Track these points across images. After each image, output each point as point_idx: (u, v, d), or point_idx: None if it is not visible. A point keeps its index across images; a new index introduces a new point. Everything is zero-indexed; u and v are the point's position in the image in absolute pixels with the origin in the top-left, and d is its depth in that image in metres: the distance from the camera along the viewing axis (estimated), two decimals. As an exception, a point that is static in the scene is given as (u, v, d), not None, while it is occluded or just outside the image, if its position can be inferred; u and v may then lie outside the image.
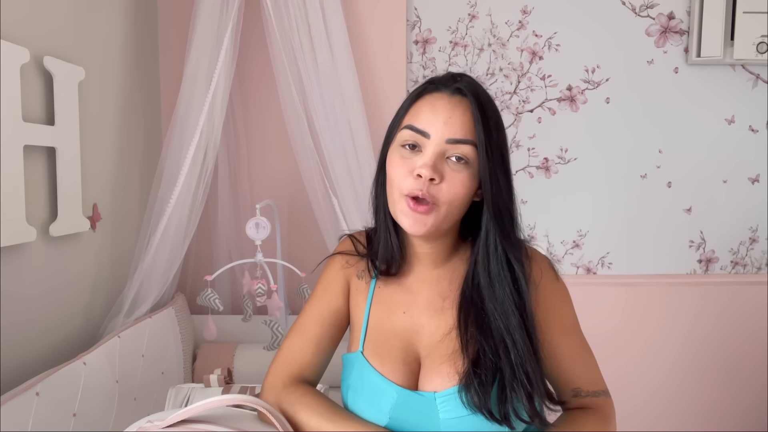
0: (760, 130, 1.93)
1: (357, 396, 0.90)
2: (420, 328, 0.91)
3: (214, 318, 1.60)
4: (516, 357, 0.82)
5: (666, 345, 1.98)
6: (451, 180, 0.83)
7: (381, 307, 0.94)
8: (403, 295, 0.94)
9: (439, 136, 0.83)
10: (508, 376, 0.81)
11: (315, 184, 1.66)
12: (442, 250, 0.93)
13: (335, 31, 1.67)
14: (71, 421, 1.10)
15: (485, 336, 0.84)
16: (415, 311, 0.92)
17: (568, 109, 1.93)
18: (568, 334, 0.92)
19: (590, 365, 0.93)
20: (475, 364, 0.83)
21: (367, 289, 0.96)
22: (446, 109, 0.84)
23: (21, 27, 1.17)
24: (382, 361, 0.89)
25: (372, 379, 0.88)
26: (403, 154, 0.86)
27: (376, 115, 1.80)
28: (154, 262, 1.55)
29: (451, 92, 0.85)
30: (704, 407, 1.99)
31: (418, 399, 0.86)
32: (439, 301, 0.92)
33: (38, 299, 1.25)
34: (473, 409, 0.80)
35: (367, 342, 0.92)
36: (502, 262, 0.86)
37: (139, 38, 1.69)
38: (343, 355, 0.96)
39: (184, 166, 1.54)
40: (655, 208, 1.96)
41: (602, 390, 0.93)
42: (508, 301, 0.85)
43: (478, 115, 0.83)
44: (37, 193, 1.24)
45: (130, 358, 1.36)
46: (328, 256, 1.03)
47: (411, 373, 0.88)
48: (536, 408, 0.82)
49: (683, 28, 1.90)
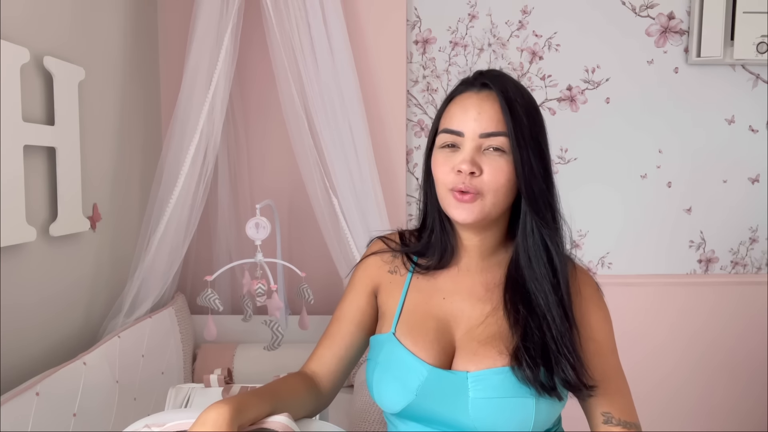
0: (760, 130, 1.93)
1: (383, 372, 0.90)
2: (459, 314, 0.92)
3: (214, 318, 1.60)
4: (557, 332, 0.86)
5: (666, 345, 1.97)
6: (490, 170, 0.86)
7: (419, 294, 0.96)
8: (445, 283, 0.95)
9: (472, 132, 0.87)
10: (553, 348, 0.85)
11: (315, 184, 1.66)
12: (490, 242, 0.95)
13: (335, 31, 1.67)
14: (71, 421, 1.10)
15: (531, 313, 0.88)
16: (456, 297, 0.94)
17: (568, 109, 1.93)
18: (603, 354, 0.92)
19: (623, 392, 0.92)
20: (523, 338, 0.86)
21: (403, 281, 0.98)
22: (475, 106, 0.88)
23: (21, 27, 1.17)
24: (415, 340, 0.90)
25: (402, 357, 0.89)
26: (445, 153, 0.90)
27: (376, 115, 1.80)
28: (154, 262, 1.54)
29: (478, 88, 0.90)
30: (704, 407, 1.99)
31: (450, 377, 0.86)
32: (482, 291, 0.93)
33: (38, 299, 1.25)
34: (525, 382, 0.83)
35: (401, 323, 0.93)
36: (538, 242, 0.90)
37: (139, 38, 1.69)
38: (372, 337, 0.97)
39: (184, 166, 1.54)
40: (655, 208, 1.96)
41: (635, 423, 0.90)
42: (545, 280, 0.89)
43: (505, 105, 0.86)
44: (37, 193, 1.24)
45: (130, 358, 1.36)
46: (360, 260, 1.04)
47: (444, 353, 0.89)
48: (581, 379, 0.85)
49: (683, 28, 1.90)
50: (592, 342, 0.91)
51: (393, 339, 0.91)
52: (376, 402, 0.93)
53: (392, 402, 0.89)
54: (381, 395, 0.90)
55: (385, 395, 0.90)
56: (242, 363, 1.68)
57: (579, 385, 0.85)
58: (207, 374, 1.27)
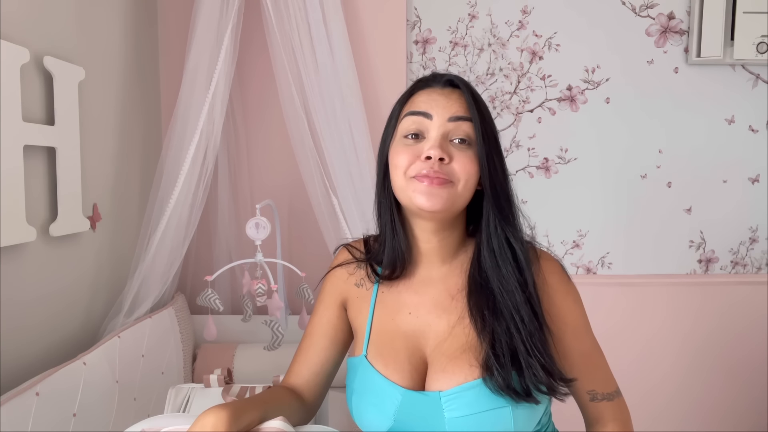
0: (760, 130, 1.93)
1: (361, 399, 0.89)
2: (426, 328, 0.90)
3: (214, 318, 1.60)
4: (526, 333, 0.84)
5: (666, 345, 1.97)
6: (459, 159, 0.85)
7: (385, 310, 0.94)
8: (409, 296, 0.93)
9: (441, 116, 0.86)
10: (522, 351, 0.83)
11: (315, 184, 1.66)
12: (449, 243, 0.92)
13: (335, 31, 1.67)
14: (71, 421, 1.10)
15: (497, 317, 0.85)
16: (421, 311, 0.92)
17: (568, 109, 1.93)
18: (579, 336, 0.92)
19: (602, 366, 0.94)
20: (492, 346, 0.84)
21: (370, 296, 0.96)
22: (443, 96, 0.88)
23: (21, 27, 1.17)
24: (386, 362, 0.89)
25: (376, 382, 0.88)
26: (407, 143, 0.88)
27: (376, 115, 1.80)
28: (154, 262, 1.54)
29: (443, 85, 0.90)
30: (704, 407, 1.99)
31: (423, 399, 0.85)
32: (448, 300, 0.91)
33: (38, 299, 1.25)
34: (498, 391, 0.81)
35: (371, 345, 0.91)
36: (503, 241, 0.88)
37: (139, 38, 1.69)
38: (348, 359, 0.96)
39: (184, 166, 1.53)
40: (655, 208, 1.96)
41: (615, 390, 0.94)
42: (511, 278, 0.87)
43: (471, 99, 0.87)
44: (37, 193, 1.24)
45: (130, 358, 1.36)
46: (327, 273, 1.03)
47: (417, 373, 0.88)
48: (553, 380, 0.83)
49: (683, 28, 1.90)
50: (567, 327, 0.90)
51: (365, 362, 0.90)
52: (359, 427, 0.92)
53: (373, 427, 0.88)
54: (362, 421, 0.90)
55: (365, 421, 0.89)
56: (242, 363, 1.68)
57: (552, 385, 0.83)
58: (207, 374, 1.27)
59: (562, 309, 0.90)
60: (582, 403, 0.94)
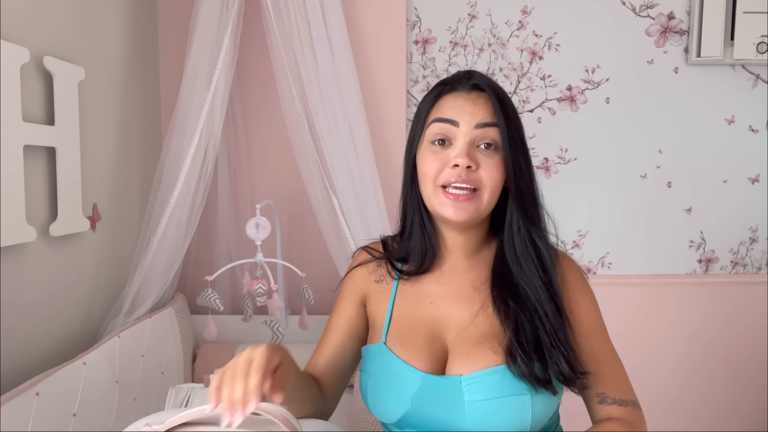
0: (760, 130, 1.93)
1: (377, 383, 0.90)
2: (448, 317, 0.92)
3: (214, 318, 1.60)
4: (550, 327, 0.86)
5: (667, 345, 1.97)
6: (486, 165, 0.87)
7: (406, 301, 0.95)
8: (430, 287, 0.95)
9: (468, 123, 0.87)
10: (546, 342, 0.85)
11: (315, 184, 1.66)
12: (474, 241, 0.95)
13: (335, 31, 1.67)
14: (71, 421, 1.10)
15: (521, 307, 0.88)
16: (443, 301, 0.93)
17: (568, 109, 1.93)
18: (593, 337, 0.92)
19: (617, 371, 0.93)
20: (515, 334, 0.85)
21: (390, 290, 0.97)
22: (469, 101, 0.89)
23: (21, 27, 1.17)
24: (406, 348, 0.90)
25: (395, 367, 0.89)
26: (434, 149, 0.90)
27: (376, 115, 1.79)
28: (154, 262, 1.54)
29: (468, 89, 0.90)
30: (704, 407, 1.99)
31: (443, 383, 0.86)
32: (470, 291, 0.93)
33: (38, 299, 1.25)
34: (520, 377, 0.83)
35: (391, 332, 0.93)
36: (526, 240, 0.90)
37: (139, 38, 1.69)
38: (363, 347, 0.96)
39: (184, 166, 1.54)
40: (655, 208, 1.96)
41: (630, 400, 0.91)
42: (535, 277, 0.89)
43: (497, 103, 0.88)
44: (37, 193, 1.24)
45: (130, 358, 1.36)
46: (347, 273, 1.04)
47: (437, 359, 0.89)
48: (575, 370, 0.85)
49: (683, 28, 1.90)
50: (582, 326, 0.91)
51: (384, 348, 0.91)
52: (372, 413, 0.93)
53: (388, 412, 0.88)
54: (377, 406, 0.90)
55: (380, 406, 0.89)
56: (242, 363, 1.68)
57: (572, 376, 0.85)
58: (207, 374, 1.27)
59: (578, 306, 0.92)
60: (590, 405, 0.93)
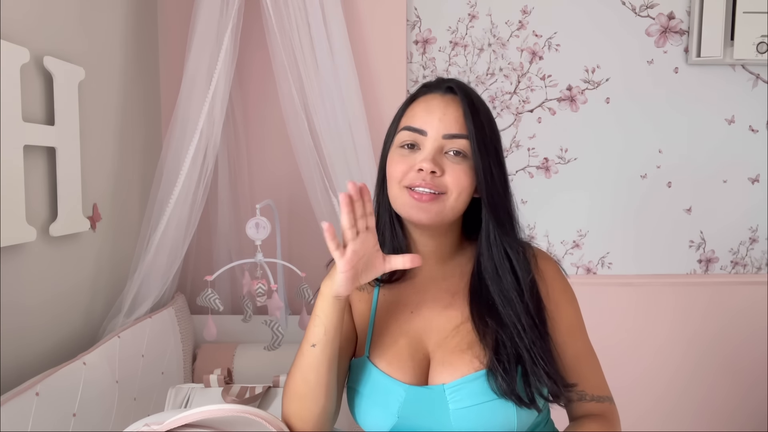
0: (760, 130, 1.93)
1: (362, 399, 0.90)
2: (428, 326, 0.92)
3: (214, 318, 1.60)
4: (529, 341, 0.85)
5: (666, 344, 1.97)
6: (452, 171, 0.86)
7: (387, 311, 0.95)
8: (410, 295, 0.95)
9: (435, 132, 0.87)
10: (527, 359, 0.84)
11: (315, 183, 1.66)
12: (446, 246, 0.94)
13: (335, 31, 1.67)
14: (71, 421, 1.10)
15: (500, 325, 0.87)
16: (423, 309, 0.93)
17: (568, 109, 1.93)
18: (573, 335, 0.92)
19: (595, 369, 0.94)
20: (496, 352, 0.85)
21: (371, 299, 0.97)
22: (440, 107, 0.88)
23: (21, 27, 1.17)
24: (389, 361, 0.89)
25: (379, 381, 0.89)
26: (403, 153, 0.90)
27: (376, 115, 1.79)
28: (154, 262, 1.54)
29: (443, 91, 0.90)
30: (704, 407, 1.99)
31: (427, 393, 0.86)
32: (448, 297, 0.93)
33: (38, 299, 1.25)
34: (502, 395, 0.82)
35: (373, 345, 0.92)
36: (501, 252, 0.89)
37: (139, 38, 1.69)
38: (351, 361, 0.96)
39: (184, 166, 1.54)
40: (655, 208, 1.96)
41: (607, 396, 0.93)
42: (511, 288, 0.88)
43: (468, 110, 0.87)
44: (37, 193, 1.24)
45: (130, 358, 1.36)
46: None
47: (420, 369, 0.89)
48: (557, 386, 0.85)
49: (683, 28, 1.90)
50: (563, 325, 0.91)
51: (368, 363, 0.91)
52: (361, 427, 0.92)
53: (376, 426, 0.88)
54: (364, 421, 0.90)
55: (368, 420, 0.90)
56: (242, 363, 1.68)
57: (558, 391, 0.85)
58: (207, 374, 1.28)
59: (558, 306, 0.92)
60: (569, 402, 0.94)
